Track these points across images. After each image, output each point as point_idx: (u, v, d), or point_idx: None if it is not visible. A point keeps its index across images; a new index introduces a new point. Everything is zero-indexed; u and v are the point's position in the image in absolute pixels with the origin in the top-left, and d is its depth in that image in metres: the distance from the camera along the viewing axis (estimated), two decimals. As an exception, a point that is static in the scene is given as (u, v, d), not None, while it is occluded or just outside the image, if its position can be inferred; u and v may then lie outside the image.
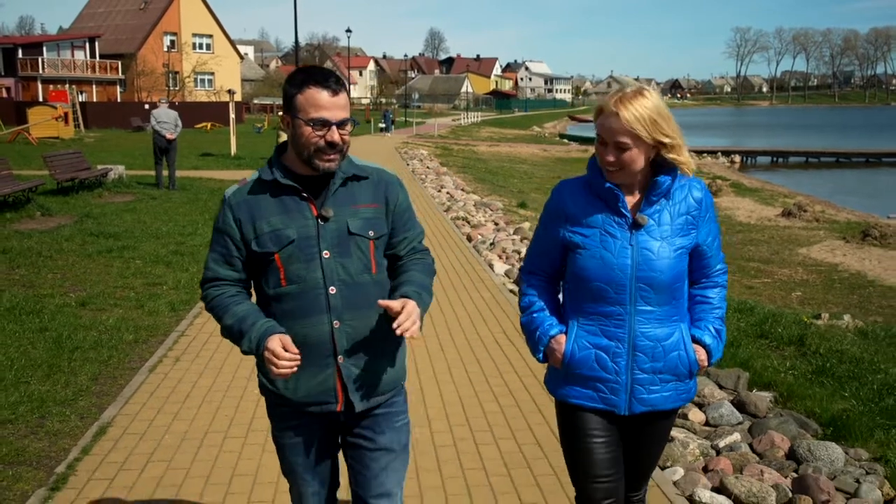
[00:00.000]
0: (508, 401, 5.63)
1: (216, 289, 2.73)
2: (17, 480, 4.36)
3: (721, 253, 2.91)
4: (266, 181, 2.67)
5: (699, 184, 2.81)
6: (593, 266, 2.72)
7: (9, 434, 4.93)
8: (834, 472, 4.59)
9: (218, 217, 2.73)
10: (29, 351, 6.45)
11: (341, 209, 2.66)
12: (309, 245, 2.62)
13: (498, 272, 10.34)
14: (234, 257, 2.70)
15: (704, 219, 2.79)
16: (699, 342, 2.84)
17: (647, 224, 2.72)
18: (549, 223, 2.89)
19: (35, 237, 11.35)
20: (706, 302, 2.89)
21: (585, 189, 2.82)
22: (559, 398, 2.91)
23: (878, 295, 13.74)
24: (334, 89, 2.56)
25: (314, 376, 2.67)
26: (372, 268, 2.72)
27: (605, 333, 2.76)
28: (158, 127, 18.36)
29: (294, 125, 2.59)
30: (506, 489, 4.33)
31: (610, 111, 2.62)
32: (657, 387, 2.78)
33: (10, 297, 8.04)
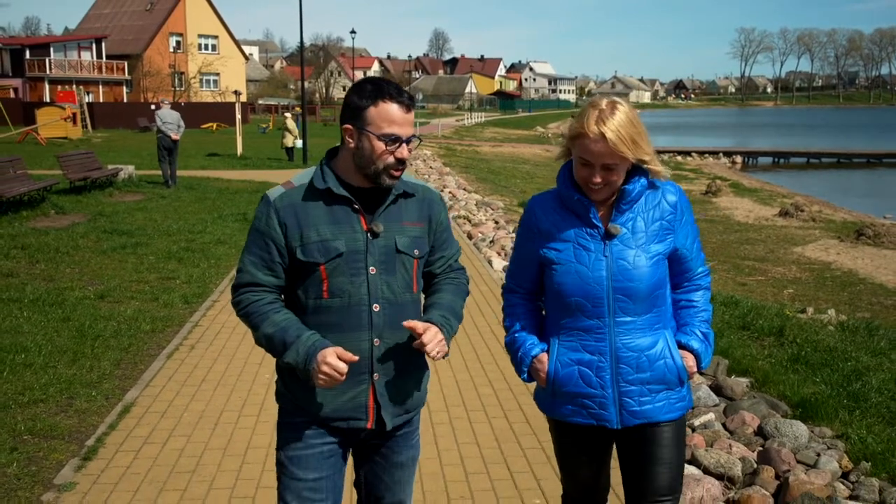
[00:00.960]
0: (501, 385, 6.06)
1: (253, 294, 2.65)
2: (53, 451, 4.80)
3: (702, 254, 2.89)
4: (318, 189, 2.61)
5: (673, 187, 2.80)
6: (569, 281, 2.71)
7: (41, 412, 5.37)
8: (798, 447, 5.00)
9: (259, 218, 2.64)
10: (54, 339, 6.89)
11: (390, 225, 2.64)
12: (356, 259, 2.59)
13: (496, 268, 10.80)
14: (275, 262, 2.63)
15: (681, 222, 2.78)
16: (686, 347, 2.81)
17: (620, 233, 2.70)
18: (524, 240, 2.88)
19: (52, 234, 11.80)
20: (691, 306, 2.86)
21: (556, 202, 2.81)
22: (549, 415, 2.90)
23: (868, 292, 14.12)
24: (408, 105, 2.55)
25: (345, 392, 2.63)
26: (413, 287, 2.72)
27: (585, 348, 2.74)
28: (164, 127, 19.03)
29: (361, 137, 2.55)
30: (496, 460, 4.76)
31: (595, 135, 2.59)
32: (648, 398, 2.74)
33: (33, 290, 8.50)
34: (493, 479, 4.51)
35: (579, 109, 2.75)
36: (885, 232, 19.98)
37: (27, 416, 5.28)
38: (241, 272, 2.67)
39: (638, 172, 2.72)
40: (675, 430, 2.81)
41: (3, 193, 13.12)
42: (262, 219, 2.62)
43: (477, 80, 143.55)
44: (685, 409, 2.84)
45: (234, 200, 16.83)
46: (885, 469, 4.76)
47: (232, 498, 4.25)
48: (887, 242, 19.27)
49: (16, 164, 14.60)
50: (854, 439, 5.17)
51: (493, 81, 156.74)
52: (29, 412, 5.34)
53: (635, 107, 16.42)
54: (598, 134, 2.59)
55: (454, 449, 4.91)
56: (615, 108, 2.63)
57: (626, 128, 2.60)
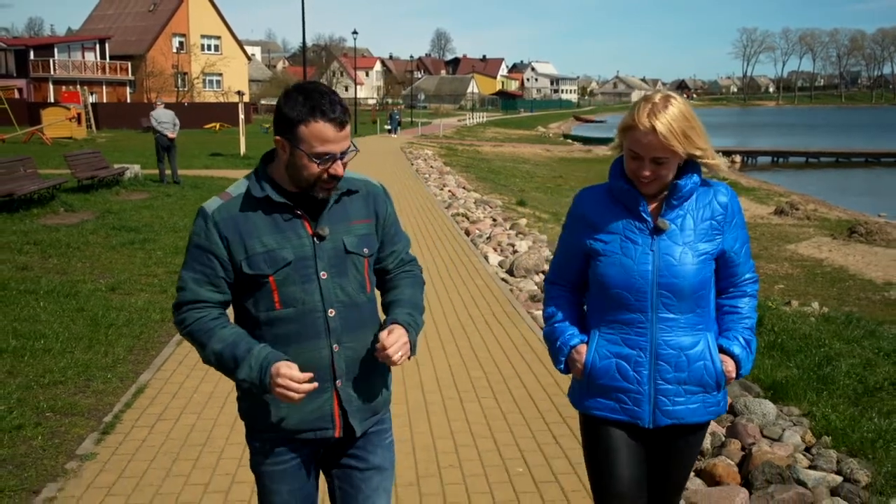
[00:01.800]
0: (491, 368, 6.44)
1: (196, 311, 2.54)
2: (74, 427, 5.19)
3: (751, 261, 2.84)
4: (256, 198, 2.52)
5: (725, 188, 2.76)
6: (614, 273, 2.68)
7: (62, 392, 5.76)
8: (765, 423, 5.38)
9: (197, 233, 2.52)
10: (70, 327, 7.28)
11: (336, 226, 2.57)
12: (306, 266, 2.51)
13: (492, 263, 11.16)
14: (219, 278, 2.52)
15: (731, 224, 2.73)
16: (727, 352, 2.76)
17: (668, 229, 2.67)
18: (571, 231, 2.85)
19: (62, 231, 12.19)
20: (735, 312, 2.82)
21: (607, 195, 2.79)
22: (582, 410, 2.87)
23: (856, 288, 14.50)
24: (341, 121, 2.44)
25: (309, 402, 2.55)
26: (367, 286, 2.66)
27: (626, 342, 2.71)
28: (160, 127, 19.71)
29: (294, 154, 2.45)
30: (483, 434, 5.15)
31: (645, 127, 2.57)
32: (682, 398, 2.72)
33: (48, 282, 8.89)
34: (481, 451, 4.89)
35: (632, 103, 2.75)
36: (877, 230, 20.35)
37: (48, 395, 5.67)
38: (182, 290, 2.55)
39: (691, 169, 2.69)
40: (701, 433, 2.84)
41: (15, 191, 13.53)
42: (201, 234, 2.51)
43: (479, 80, 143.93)
44: (717, 414, 2.81)
45: (238, 199, 17.16)
46: (844, 443, 5.14)
47: (239, 467, 4.63)
48: (879, 240, 19.64)
49: (26, 164, 15.01)
50: (818, 417, 5.55)
51: (495, 81, 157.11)
52: (50, 392, 5.73)
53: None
54: (649, 127, 2.57)
55: (445, 425, 5.29)
56: (668, 101, 2.61)
57: (678, 121, 2.57)
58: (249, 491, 4.33)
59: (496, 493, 4.36)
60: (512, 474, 4.59)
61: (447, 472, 4.61)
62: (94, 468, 4.61)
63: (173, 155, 19.94)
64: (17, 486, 4.35)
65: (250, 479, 4.45)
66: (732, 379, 2.77)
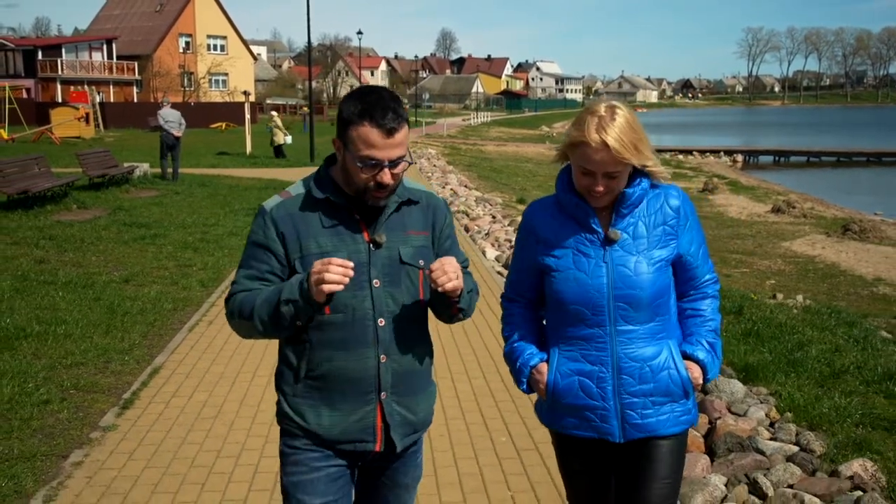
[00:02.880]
0: (482, 351, 6.90)
1: (242, 293, 2.53)
2: (95, 402, 5.66)
3: (709, 262, 2.80)
4: (316, 198, 2.51)
5: (676, 191, 2.71)
6: (568, 289, 2.62)
7: (83, 373, 6.22)
8: (733, 401, 5.81)
9: (255, 230, 2.53)
10: (88, 314, 7.75)
11: (393, 235, 2.53)
12: (359, 272, 2.43)
13: (489, 257, 11.62)
14: (273, 275, 2.51)
15: (684, 227, 2.68)
16: (692, 358, 2.69)
17: (620, 239, 2.61)
18: (523, 246, 2.79)
19: (76, 226, 12.67)
20: (697, 315, 2.75)
21: (555, 208, 2.73)
22: (551, 428, 2.82)
23: (846, 283, 14.89)
24: (391, 128, 2.40)
25: (352, 413, 2.52)
26: (420, 300, 2.59)
27: (586, 358, 2.64)
28: (167, 126, 20.47)
29: (345, 155, 2.46)
30: (471, 409, 5.61)
31: (597, 143, 2.50)
32: (650, 410, 2.64)
33: (65, 274, 9.37)
34: (469, 423, 5.35)
35: (575, 118, 2.68)
36: (871, 227, 20.75)
37: (71, 375, 6.13)
38: (235, 284, 2.57)
39: (639, 175, 2.64)
40: (676, 444, 2.73)
41: (30, 188, 14.02)
42: (260, 231, 2.52)
43: (484, 79, 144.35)
44: (690, 422, 2.75)
45: (244, 196, 17.69)
46: (804, 419, 5.57)
47: (249, 437, 5.10)
48: (872, 237, 20.03)
49: (40, 162, 15.51)
50: (784, 395, 5.98)
51: (499, 81, 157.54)
52: (72, 372, 6.19)
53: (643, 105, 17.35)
54: (600, 142, 2.50)
55: (437, 402, 5.73)
56: (615, 113, 2.55)
57: (627, 134, 2.52)
58: (257, 456, 4.79)
59: (480, 458, 4.82)
60: (496, 443, 5.05)
61: (437, 441, 5.05)
62: (115, 437, 5.07)
63: (177, 153, 20.71)
64: (48, 452, 4.82)
65: (258, 447, 4.95)
66: (700, 385, 2.72)
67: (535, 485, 4.52)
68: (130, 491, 4.37)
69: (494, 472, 4.68)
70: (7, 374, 5.96)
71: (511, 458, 4.85)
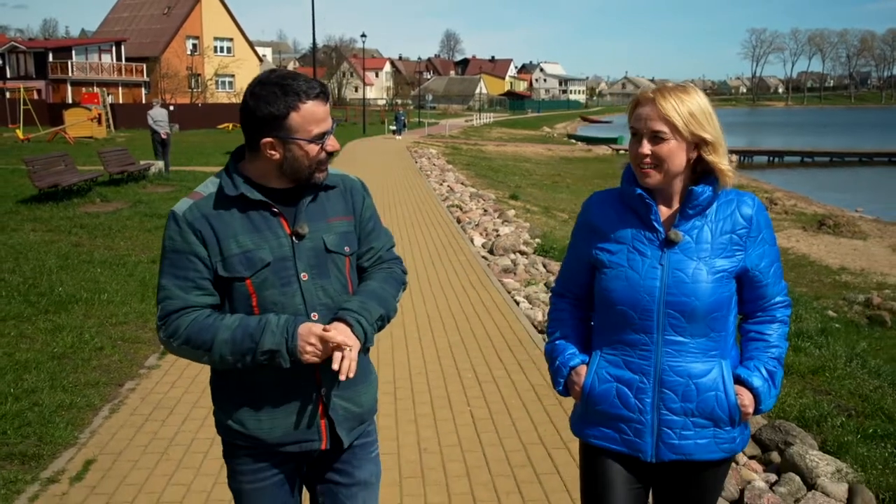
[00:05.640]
0: (465, 327, 8.10)
1: (188, 315, 2.35)
2: (140, 350, 6.96)
3: (782, 282, 2.58)
4: (230, 196, 2.37)
5: (751, 199, 2.51)
6: (618, 287, 2.47)
7: (127, 329, 7.49)
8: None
9: (172, 237, 2.37)
10: (125, 286, 9.03)
11: (315, 224, 2.44)
12: (285, 267, 2.37)
13: (476, 244, 12.86)
14: (204, 279, 2.36)
15: (755, 240, 2.47)
16: (746, 384, 2.47)
17: (681, 241, 2.43)
18: (578, 239, 2.65)
19: (102, 217, 13.94)
20: (761, 339, 2.54)
21: (618, 201, 2.58)
22: (580, 438, 2.65)
23: (813, 272, 16.15)
24: (323, 94, 2.35)
25: (294, 413, 2.44)
26: (349, 288, 2.51)
27: (628, 366, 2.48)
28: (156, 126, 22.18)
29: (288, 147, 2.33)
30: (452, 374, 6.84)
31: (646, 99, 2.42)
32: (690, 432, 2.46)
33: (100, 255, 10.66)
34: (449, 392, 6.58)
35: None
36: (845, 223, 22.00)
37: (117, 331, 7.40)
38: (168, 299, 2.37)
39: (707, 178, 2.46)
40: (716, 473, 2.56)
41: (60, 183, 15.34)
42: (177, 237, 2.36)
43: (487, 80, 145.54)
44: (733, 451, 2.53)
45: (254, 192, 18.88)
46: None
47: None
48: (845, 232, 21.27)
49: (66, 159, 16.80)
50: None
51: (503, 82, 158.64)
52: (118, 329, 7.46)
53: None
54: (650, 97, 2.41)
55: (423, 373, 6.99)
56: (683, 86, 2.46)
57: (682, 99, 2.39)
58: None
59: (457, 421, 6.07)
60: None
61: (420, 407, 6.14)
62: (159, 373, 6.34)
63: (167, 151, 22.37)
64: (107, 381, 6.10)
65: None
66: (749, 415, 2.48)
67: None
68: (176, 406, 5.64)
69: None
70: (66, 328, 7.26)
71: (486, 418, 6.10)
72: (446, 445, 5.05)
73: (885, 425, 5.55)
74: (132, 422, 5.37)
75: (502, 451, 4.95)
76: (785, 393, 6.05)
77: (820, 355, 7.28)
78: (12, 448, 4.85)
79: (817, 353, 7.37)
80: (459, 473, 4.66)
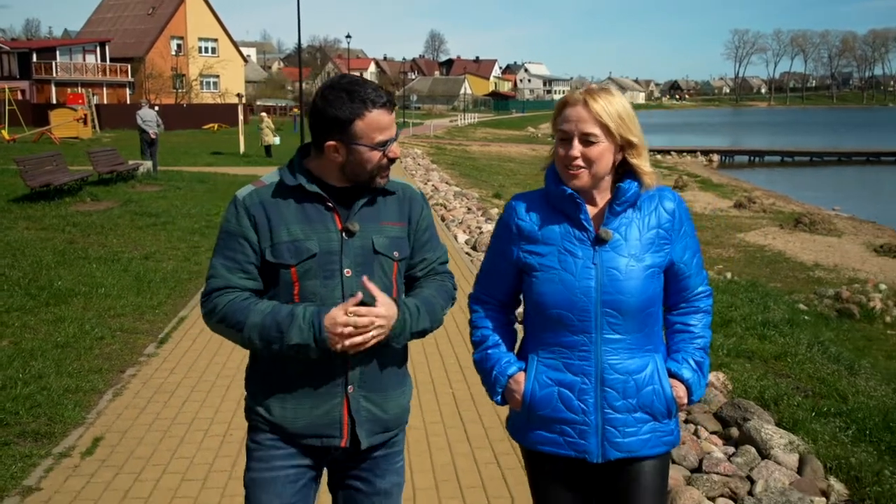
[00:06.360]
0: (448, 317, 8.47)
1: (227, 295, 2.45)
2: (138, 340, 7.30)
3: (703, 273, 2.63)
4: (289, 186, 2.47)
5: (671, 193, 2.56)
6: (552, 290, 2.44)
7: (125, 320, 7.84)
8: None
9: (228, 219, 2.48)
10: (121, 280, 9.37)
11: (367, 225, 2.48)
12: (330, 261, 2.41)
13: (460, 241, 13.27)
14: (250, 264, 2.46)
15: (679, 233, 2.52)
16: (677, 377, 2.52)
17: (612, 239, 2.44)
18: (501, 241, 2.61)
19: (94, 215, 14.24)
20: (686, 330, 2.59)
21: (543, 201, 2.56)
22: (523, 444, 2.63)
23: (787, 268, 16.61)
24: (389, 103, 2.42)
25: (319, 405, 2.48)
26: (393, 291, 2.52)
27: (568, 368, 2.47)
28: (145, 126, 22.66)
29: (353, 152, 2.40)
30: (440, 371, 7.23)
31: (575, 101, 2.42)
32: (633, 428, 2.48)
33: (95, 252, 11.00)
34: (433, 376, 6.96)
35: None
36: (821, 220, 22.52)
37: (116, 322, 7.74)
38: (213, 277, 2.49)
39: (629, 174, 2.50)
40: (659, 466, 2.57)
41: (52, 182, 15.62)
42: (232, 219, 2.47)
43: (472, 81, 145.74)
44: (672, 444, 2.58)
45: (241, 191, 19.22)
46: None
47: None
48: (821, 229, 21.79)
49: (56, 159, 17.08)
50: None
51: (488, 82, 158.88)
52: (117, 320, 7.80)
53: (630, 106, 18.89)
54: (580, 99, 2.43)
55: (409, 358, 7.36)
56: (606, 88, 2.49)
57: (613, 102, 2.42)
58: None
59: (440, 401, 6.45)
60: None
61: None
62: (157, 361, 6.70)
63: (155, 150, 22.74)
64: (109, 368, 6.45)
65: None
66: (684, 406, 2.55)
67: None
68: (175, 390, 6.00)
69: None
70: (67, 320, 7.61)
71: (469, 405, 6.48)
72: (430, 423, 5.44)
73: (838, 404, 5.98)
74: (135, 403, 5.73)
75: (482, 428, 5.35)
76: (747, 375, 6.47)
77: (784, 343, 7.70)
78: (25, 427, 5.20)
79: (781, 340, 7.80)
80: (442, 446, 5.05)
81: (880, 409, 5.80)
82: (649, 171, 2.48)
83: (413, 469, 4.69)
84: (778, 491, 4.40)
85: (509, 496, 4.43)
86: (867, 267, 16.71)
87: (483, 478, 4.63)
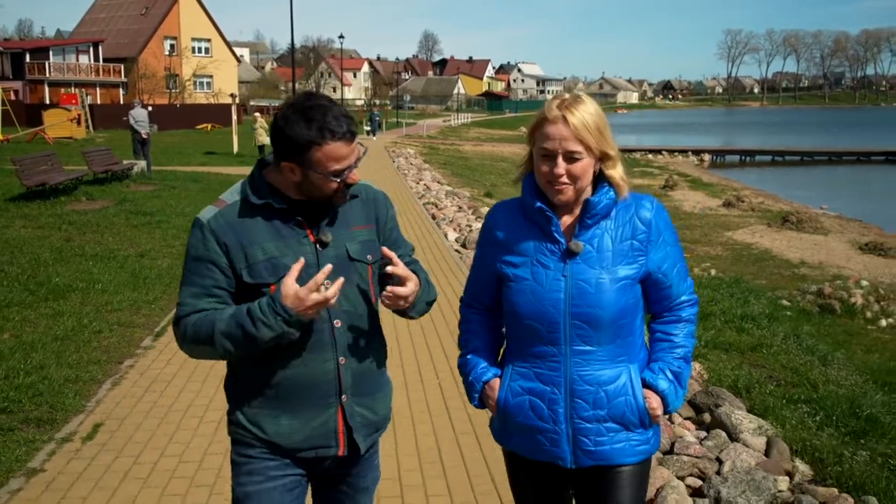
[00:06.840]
0: (436, 312, 8.68)
1: (192, 317, 2.40)
2: (135, 333, 7.52)
3: (687, 280, 2.60)
4: (255, 204, 2.42)
5: (650, 202, 2.52)
6: (524, 301, 2.47)
7: (122, 315, 8.07)
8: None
9: (194, 244, 2.41)
10: (117, 277, 9.59)
11: (338, 232, 2.49)
12: (308, 274, 2.34)
13: (450, 239, 13.50)
14: (220, 289, 2.40)
15: (656, 243, 2.48)
16: (652, 387, 2.51)
17: (582, 251, 2.44)
18: (484, 250, 2.65)
19: (90, 214, 14.45)
20: (666, 339, 2.56)
21: (520, 212, 2.57)
22: (502, 446, 2.70)
23: (774, 265, 16.87)
24: (350, 132, 2.35)
25: (313, 419, 2.47)
26: (371, 296, 2.56)
27: (539, 377, 2.49)
28: (136, 126, 22.97)
29: (308, 176, 2.37)
30: (427, 364, 7.46)
31: (556, 117, 2.39)
32: (605, 437, 2.48)
33: (91, 249, 11.21)
34: (421, 368, 7.19)
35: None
36: (808, 218, 22.81)
37: (113, 316, 7.97)
38: (181, 305, 2.44)
39: (606, 184, 2.49)
40: (635, 474, 2.56)
41: (48, 181, 15.84)
42: (199, 245, 2.40)
43: (465, 81, 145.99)
44: (649, 452, 2.57)
45: (235, 190, 19.45)
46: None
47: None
48: (808, 227, 22.07)
49: (52, 159, 17.28)
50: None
51: (481, 82, 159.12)
52: (114, 315, 8.03)
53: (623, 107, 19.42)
54: (560, 116, 2.39)
55: (397, 351, 7.60)
56: (578, 97, 2.45)
57: (588, 114, 2.40)
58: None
59: (427, 391, 6.69)
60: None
61: (394, 379, 6.89)
62: (154, 353, 6.93)
63: (147, 150, 23.03)
64: (107, 360, 6.68)
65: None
66: (658, 417, 2.53)
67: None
68: (172, 380, 6.24)
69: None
70: (66, 314, 7.85)
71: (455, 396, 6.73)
72: (417, 411, 5.68)
73: (808, 392, 6.24)
74: (133, 392, 5.96)
75: (466, 414, 5.59)
76: (723, 365, 6.73)
77: (760, 335, 7.96)
78: (28, 414, 5.44)
79: (759, 333, 8.06)
80: (427, 433, 5.29)
81: (848, 396, 6.06)
82: (622, 181, 2.49)
83: (399, 453, 4.92)
84: (744, 470, 4.64)
85: (489, 475, 4.67)
86: (852, 265, 16.97)
87: (465, 460, 4.88)
